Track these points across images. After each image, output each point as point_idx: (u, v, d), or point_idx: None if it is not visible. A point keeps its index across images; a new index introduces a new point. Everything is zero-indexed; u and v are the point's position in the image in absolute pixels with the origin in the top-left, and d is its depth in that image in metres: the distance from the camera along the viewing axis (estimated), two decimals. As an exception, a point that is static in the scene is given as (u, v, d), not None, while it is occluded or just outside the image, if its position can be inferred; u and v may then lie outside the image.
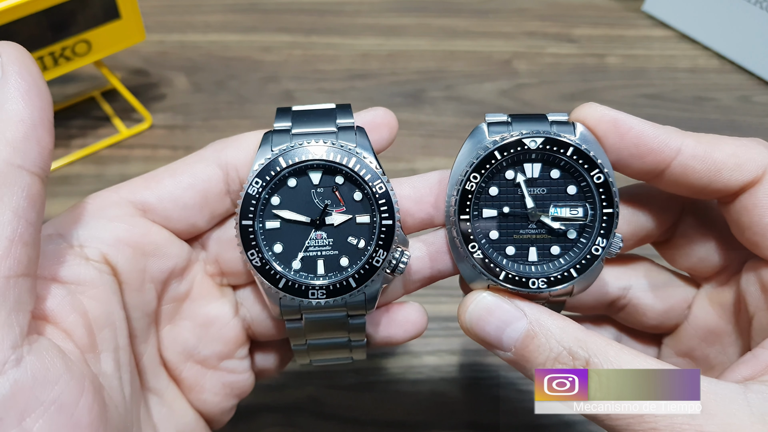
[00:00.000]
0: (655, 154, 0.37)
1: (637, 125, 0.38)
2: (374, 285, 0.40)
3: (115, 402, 0.34)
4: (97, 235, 0.37)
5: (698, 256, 0.43)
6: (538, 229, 0.40)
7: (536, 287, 0.39)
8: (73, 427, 0.30)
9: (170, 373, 0.42)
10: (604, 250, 0.39)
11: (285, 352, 0.48)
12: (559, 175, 0.40)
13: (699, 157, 0.37)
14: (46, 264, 0.35)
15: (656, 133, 0.37)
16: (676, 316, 0.45)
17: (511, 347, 0.37)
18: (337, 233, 0.40)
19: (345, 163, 0.39)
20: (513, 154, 0.39)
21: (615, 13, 1.02)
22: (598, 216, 0.39)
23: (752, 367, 0.36)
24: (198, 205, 0.40)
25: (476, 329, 0.38)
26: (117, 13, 0.71)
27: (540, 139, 0.38)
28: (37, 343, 0.30)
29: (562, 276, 0.39)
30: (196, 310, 0.42)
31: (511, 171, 0.40)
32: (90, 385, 0.31)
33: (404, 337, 0.44)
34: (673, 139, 0.37)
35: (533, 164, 0.40)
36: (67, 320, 0.33)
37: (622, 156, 0.38)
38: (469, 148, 0.40)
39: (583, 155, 0.38)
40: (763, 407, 0.32)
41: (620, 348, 0.36)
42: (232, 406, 0.45)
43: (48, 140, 0.31)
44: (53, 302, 0.33)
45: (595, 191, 0.39)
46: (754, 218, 0.37)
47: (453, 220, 0.40)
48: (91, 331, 0.34)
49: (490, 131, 0.40)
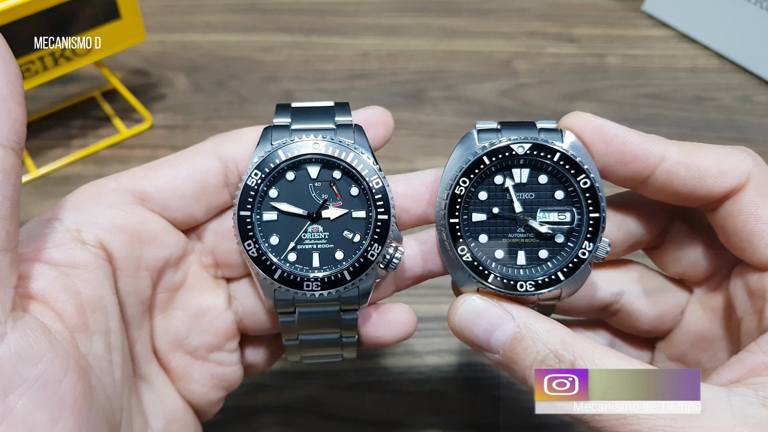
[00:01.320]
0: (640, 161, 0.38)
1: (622, 133, 0.39)
2: (368, 279, 0.41)
3: (102, 383, 0.34)
4: (94, 220, 0.38)
5: (689, 261, 0.44)
6: (527, 233, 0.41)
7: (524, 290, 0.39)
8: (56, 404, 0.30)
9: (160, 361, 0.43)
10: (590, 254, 0.40)
11: (274, 348, 0.48)
12: (546, 181, 0.41)
13: (682, 164, 0.38)
14: (41, 246, 0.35)
15: (640, 141, 0.38)
16: (669, 321, 0.46)
17: (499, 349, 0.38)
18: (333, 227, 0.41)
19: (343, 158, 0.40)
20: (501, 159, 0.40)
21: (615, 13, 1.02)
22: (584, 220, 0.40)
23: (737, 370, 0.36)
24: (196, 196, 0.41)
25: (465, 332, 0.39)
26: (117, 13, 0.71)
27: (527, 145, 0.39)
28: (21, 321, 0.30)
29: (550, 279, 0.40)
30: (189, 300, 0.43)
31: (500, 176, 0.41)
32: (75, 364, 0.32)
33: (393, 337, 0.45)
34: (657, 146, 0.38)
35: (521, 169, 0.41)
36: (58, 299, 0.34)
37: (608, 162, 0.39)
38: (459, 153, 0.41)
39: (570, 161, 0.39)
40: (746, 410, 0.32)
41: (606, 350, 0.36)
42: (220, 398, 0.46)
43: (19, 113, 0.31)
44: (44, 282, 0.34)
45: (581, 196, 0.40)
46: (738, 224, 0.38)
47: (443, 224, 0.40)
48: (83, 311, 0.34)
49: (480, 138, 0.41)
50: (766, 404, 0.33)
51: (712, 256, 0.43)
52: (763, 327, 0.37)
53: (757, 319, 0.38)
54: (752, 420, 0.32)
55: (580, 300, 0.45)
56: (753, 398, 0.33)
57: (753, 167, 0.38)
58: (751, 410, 0.32)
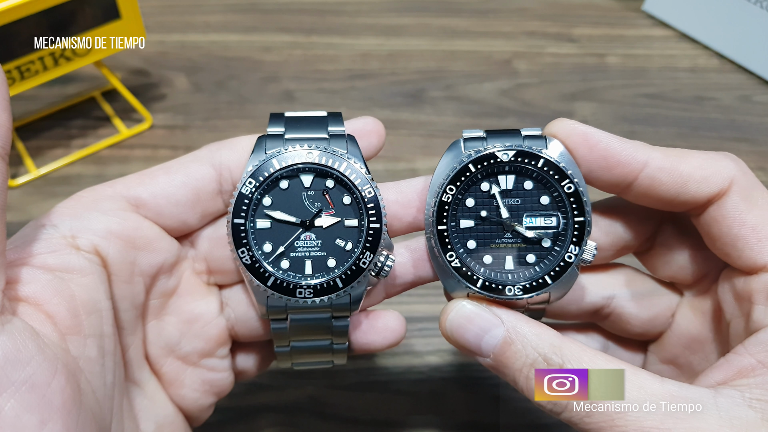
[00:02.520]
0: (623, 167, 0.39)
1: (605, 139, 0.39)
2: (360, 287, 0.41)
3: (92, 387, 0.34)
4: (89, 226, 0.38)
5: (678, 264, 0.44)
6: (514, 239, 0.41)
7: (512, 294, 0.40)
8: (44, 407, 0.30)
9: (151, 366, 0.43)
10: (576, 257, 0.40)
11: (265, 354, 0.48)
12: (532, 186, 0.41)
13: (666, 169, 0.38)
14: (35, 252, 0.35)
15: (623, 147, 0.39)
16: (661, 324, 0.46)
17: (490, 353, 0.38)
18: (326, 235, 0.41)
19: (336, 167, 0.41)
20: (487, 166, 0.40)
21: (615, 13, 1.02)
22: (570, 225, 0.40)
23: (724, 371, 0.36)
24: (190, 203, 0.41)
25: (456, 336, 0.40)
26: (117, 13, 0.71)
27: (512, 152, 0.40)
28: (9, 324, 0.30)
29: (537, 283, 0.40)
30: (182, 306, 0.43)
31: (486, 183, 0.41)
32: (63, 367, 0.32)
33: (383, 344, 0.45)
34: (640, 152, 0.39)
35: (507, 176, 0.41)
36: (50, 302, 0.34)
37: (592, 168, 0.40)
38: (447, 162, 0.42)
39: (554, 167, 0.40)
40: (732, 412, 0.33)
41: (594, 353, 0.36)
42: (211, 404, 0.46)
43: (4, 118, 0.31)
44: (36, 285, 0.34)
45: (566, 201, 0.40)
46: (723, 229, 0.39)
47: (431, 230, 0.41)
48: (77, 314, 0.35)
49: (466, 146, 0.42)
50: (753, 405, 0.33)
51: (701, 260, 0.43)
52: (750, 329, 0.38)
53: (744, 322, 0.39)
54: (738, 421, 0.32)
55: (571, 304, 0.45)
56: (739, 400, 0.33)
57: (736, 172, 0.38)
58: (738, 411, 0.33)
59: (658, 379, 0.35)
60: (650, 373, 0.36)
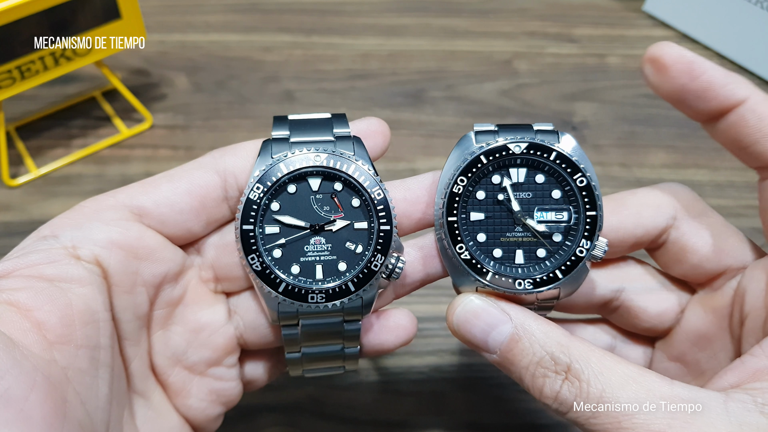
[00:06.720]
0: (720, 101, 0.38)
1: (709, 70, 0.38)
2: (371, 290, 0.41)
3: (82, 398, 0.34)
4: (91, 236, 0.37)
5: (691, 263, 0.43)
6: (524, 232, 0.41)
7: (522, 288, 0.40)
8: (23, 421, 0.29)
9: (157, 377, 0.43)
10: (588, 252, 0.40)
11: (274, 362, 0.48)
12: (543, 180, 0.41)
13: (758, 113, 0.37)
14: (34, 262, 0.35)
15: (726, 81, 0.38)
16: (669, 320, 0.45)
17: (497, 350, 0.38)
18: (336, 239, 0.41)
19: (344, 170, 0.40)
20: (498, 158, 0.40)
21: (615, 13, 1.02)
22: (581, 219, 0.40)
23: (739, 374, 0.36)
24: (195, 211, 0.41)
25: (463, 331, 0.39)
26: (117, 13, 0.71)
27: (524, 144, 0.40)
28: None
29: (548, 277, 0.40)
30: (189, 315, 0.42)
31: (497, 175, 0.41)
32: (44, 380, 0.31)
33: (395, 343, 0.45)
34: (741, 90, 0.37)
35: (518, 169, 0.41)
36: (42, 310, 0.33)
37: (687, 97, 0.38)
38: (457, 155, 0.41)
39: (567, 160, 0.40)
40: (742, 417, 0.32)
41: (602, 353, 0.36)
42: (219, 415, 0.45)
43: None
44: (29, 292, 0.33)
45: (578, 195, 0.40)
46: None
47: (441, 222, 0.40)
48: (70, 324, 0.34)
49: (478, 139, 0.41)
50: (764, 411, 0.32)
51: (716, 259, 0.42)
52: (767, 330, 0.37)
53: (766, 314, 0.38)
54: (748, 427, 0.32)
55: (579, 296, 0.44)
56: (751, 405, 0.33)
57: None
58: (748, 417, 0.32)
59: (667, 382, 0.34)
60: (659, 375, 0.35)
